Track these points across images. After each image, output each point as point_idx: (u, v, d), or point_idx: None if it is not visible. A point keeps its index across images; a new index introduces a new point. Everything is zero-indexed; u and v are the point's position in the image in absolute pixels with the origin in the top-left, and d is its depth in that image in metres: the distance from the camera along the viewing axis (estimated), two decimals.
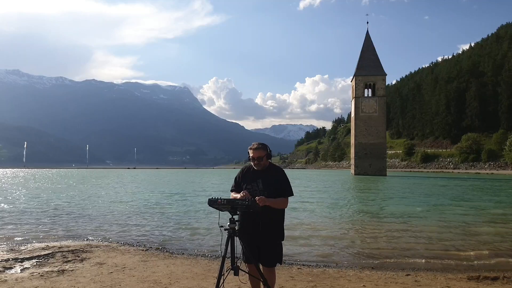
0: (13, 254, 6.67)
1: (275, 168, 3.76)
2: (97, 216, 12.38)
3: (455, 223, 10.93)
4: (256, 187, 3.61)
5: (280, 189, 3.60)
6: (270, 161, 3.75)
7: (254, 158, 3.64)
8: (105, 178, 50.03)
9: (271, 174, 3.66)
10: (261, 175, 3.65)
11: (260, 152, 3.62)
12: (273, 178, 3.64)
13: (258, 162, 3.63)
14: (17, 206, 15.12)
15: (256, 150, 3.63)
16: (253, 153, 3.63)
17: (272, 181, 3.62)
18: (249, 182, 3.67)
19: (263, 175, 3.65)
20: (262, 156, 3.62)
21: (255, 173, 3.68)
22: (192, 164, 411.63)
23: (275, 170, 3.73)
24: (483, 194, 23.52)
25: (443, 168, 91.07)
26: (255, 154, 3.62)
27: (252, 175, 3.69)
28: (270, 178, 3.63)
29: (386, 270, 5.98)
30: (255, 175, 3.68)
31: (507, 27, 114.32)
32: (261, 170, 3.66)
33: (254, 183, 3.64)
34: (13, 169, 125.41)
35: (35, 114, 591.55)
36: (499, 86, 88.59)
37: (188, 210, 13.92)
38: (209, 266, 6.04)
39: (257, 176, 3.66)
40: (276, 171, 3.72)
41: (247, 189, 3.59)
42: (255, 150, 3.63)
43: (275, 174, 3.68)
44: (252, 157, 3.65)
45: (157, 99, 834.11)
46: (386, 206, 16.11)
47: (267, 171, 3.67)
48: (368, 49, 66.83)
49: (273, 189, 3.57)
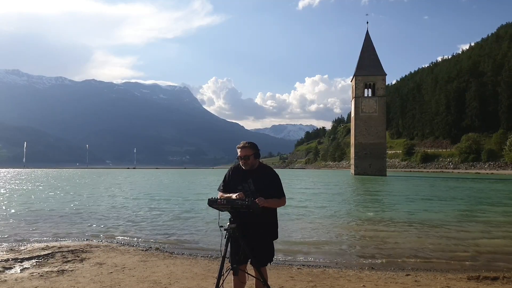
0: (12, 254, 6.66)
1: (265, 168, 3.69)
2: (97, 216, 12.37)
3: (455, 223, 10.93)
4: (247, 188, 3.55)
5: (272, 189, 3.56)
6: (259, 161, 3.69)
7: (241, 157, 3.59)
8: (105, 177, 50.02)
9: (262, 174, 3.60)
10: (252, 175, 3.59)
11: (247, 150, 3.57)
12: (264, 179, 3.58)
13: (245, 161, 3.57)
14: (17, 206, 15.11)
15: (243, 149, 3.58)
16: (240, 151, 3.59)
17: (264, 181, 3.57)
18: (240, 182, 3.60)
19: (254, 175, 3.58)
20: (249, 155, 3.56)
21: (245, 173, 3.61)
22: (192, 164, 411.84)
23: (266, 170, 3.66)
24: (482, 194, 23.51)
25: (443, 168, 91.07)
26: (242, 153, 3.57)
27: (242, 175, 3.63)
28: (262, 178, 3.58)
29: (386, 270, 5.97)
30: (245, 175, 3.61)
31: (507, 27, 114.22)
32: (252, 170, 3.60)
33: (245, 184, 3.58)
34: (13, 169, 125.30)
35: (35, 114, 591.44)
36: (499, 86, 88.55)
37: (188, 210, 13.91)
38: (209, 266, 6.03)
39: (247, 176, 3.60)
40: (266, 171, 3.65)
41: (238, 190, 3.52)
42: (242, 148, 3.58)
43: (266, 174, 3.62)
44: (239, 155, 3.60)
45: (157, 99, 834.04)
46: (386, 206, 16.11)
47: (258, 171, 3.61)
48: (368, 49, 66.80)
49: (265, 189, 3.52)
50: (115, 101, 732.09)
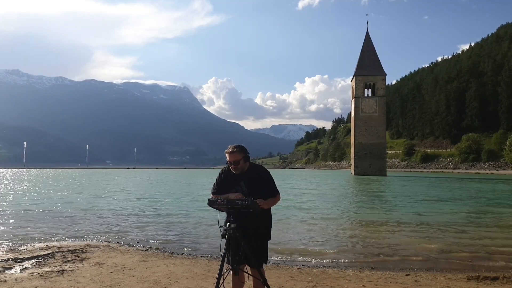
0: (12, 254, 6.66)
1: (256, 168, 3.64)
2: (97, 216, 12.37)
3: (455, 223, 10.93)
4: (240, 190, 3.50)
5: (266, 189, 3.53)
6: (249, 162, 3.63)
7: (230, 162, 3.53)
8: (105, 178, 50.00)
9: (253, 175, 3.56)
10: (243, 177, 3.54)
11: (236, 155, 3.49)
12: (256, 179, 3.55)
13: (235, 166, 3.51)
14: (17, 207, 15.10)
15: (232, 154, 3.49)
16: (229, 157, 3.51)
17: (256, 182, 3.54)
18: (232, 185, 3.56)
19: (245, 177, 3.54)
20: (239, 159, 3.49)
21: (236, 176, 3.56)
22: (192, 164, 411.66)
23: (257, 170, 3.61)
24: (481, 194, 23.52)
25: (443, 168, 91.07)
26: (231, 158, 3.50)
27: (233, 178, 3.58)
28: (254, 179, 3.54)
29: (386, 270, 5.97)
30: (236, 178, 3.56)
31: (507, 27, 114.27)
32: (242, 172, 3.55)
33: (237, 187, 3.54)
34: (13, 169, 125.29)
35: (34, 114, 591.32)
36: (499, 86, 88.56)
37: (188, 210, 13.91)
38: (209, 266, 6.03)
39: (239, 179, 3.56)
40: (258, 171, 3.61)
41: (231, 193, 3.48)
42: (231, 154, 3.50)
43: (258, 174, 3.58)
44: (229, 161, 3.54)
45: (157, 99, 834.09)
46: (386, 206, 16.10)
47: (249, 173, 3.57)
48: (368, 49, 66.81)
49: (259, 189, 3.49)
50: (115, 101, 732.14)
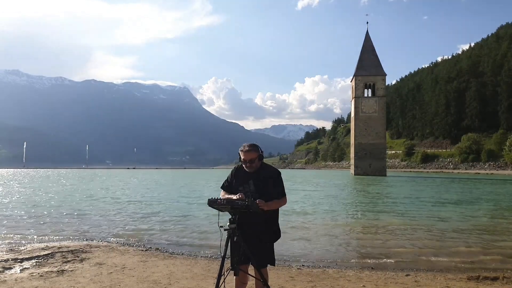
0: (12, 254, 6.66)
1: (267, 168, 3.63)
2: (97, 216, 12.37)
3: (455, 223, 10.93)
4: (248, 188, 3.52)
5: (272, 189, 3.52)
6: (261, 161, 3.62)
7: (246, 161, 3.52)
8: (105, 178, 49.99)
9: (263, 175, 3.56)
10: (253, 175, 3.56)
11: (252, 154, 3.49)
12: (265, 179, 3.54)
13: (250, 164, 3.50)
14: (17, 207, 15.10)
15: (248, 153, 3.49)
16: (244, 155, 3.50)
17: (264, 181, 3.54)
18: (241, 183, 3.58)
19: (255, 176, 3.55)
20: (254, 158, 3.49)
21: (247, 173, 3.58)
22: (192, 164, 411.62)
23: (267, 170, 3.61)
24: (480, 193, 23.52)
25: (443, 168, 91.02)
26: (247, 157, 3.49)
27: (243, 176, 3.59)
28: (262, 179, 3.54)
29: (386, 270, 5.97)
30: (246, 176, 3.58)
31: (507, 27, 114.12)
32: (253, 171, 3.56)
33: (246, 185, 3.55)
34: (13, 169, 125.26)
35: (34, 114, 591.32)
36: (499, 86, 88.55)
37: (188, 211, 13.92)
38: (209, 266, 6.03)
39: (248, 177, 3.57)
40: (268, 171, 3.60)
41: (239, 191, 3.50)
42: (247, 152, 3.49)
43: (267, 173, 3.58)
44: (244, 159, 3.53)
45: (157, 99, 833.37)
46: (386, 206, 16.10)
47: (259, 172, 3.57)
48: (368, 49, 66.78)
49: (265, 189, 3.49)
50: (115, 101, 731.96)
